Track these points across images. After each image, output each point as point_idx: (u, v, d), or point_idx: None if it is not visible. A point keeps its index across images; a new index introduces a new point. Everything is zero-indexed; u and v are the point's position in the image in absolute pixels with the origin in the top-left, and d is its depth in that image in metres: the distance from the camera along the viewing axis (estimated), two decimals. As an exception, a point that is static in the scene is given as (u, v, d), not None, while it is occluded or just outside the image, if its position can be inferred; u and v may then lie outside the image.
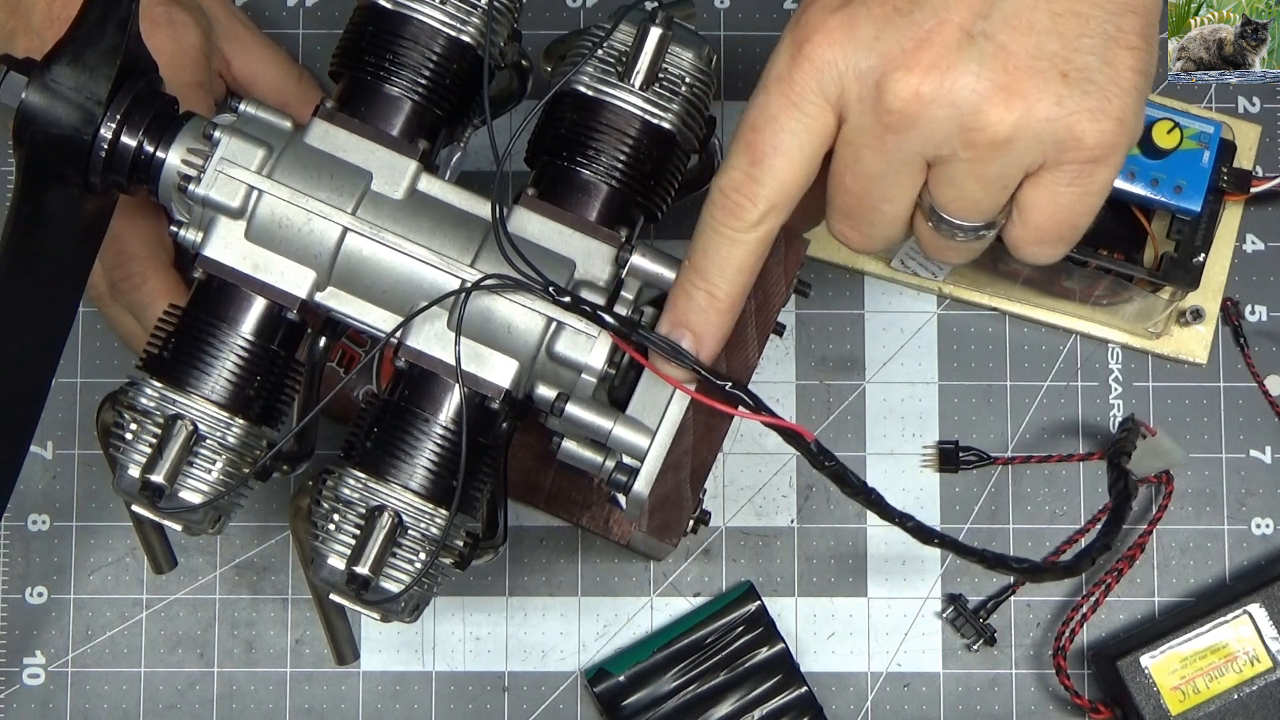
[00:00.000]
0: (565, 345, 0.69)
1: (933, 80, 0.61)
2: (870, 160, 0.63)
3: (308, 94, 0.85)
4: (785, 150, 0.64)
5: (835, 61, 0.62)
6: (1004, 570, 0.72)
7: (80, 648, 0.88)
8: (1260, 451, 0.89)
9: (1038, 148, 0.61)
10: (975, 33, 0.60)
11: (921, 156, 0.63)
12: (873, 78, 0.62)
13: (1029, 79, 0.60)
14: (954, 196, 0.64)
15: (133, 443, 0.70)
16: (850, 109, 0.63)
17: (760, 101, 0.64)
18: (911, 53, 0.61)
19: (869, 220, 0.66)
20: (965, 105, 0.60)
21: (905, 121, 0.61)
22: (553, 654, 0.88)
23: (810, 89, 0.63)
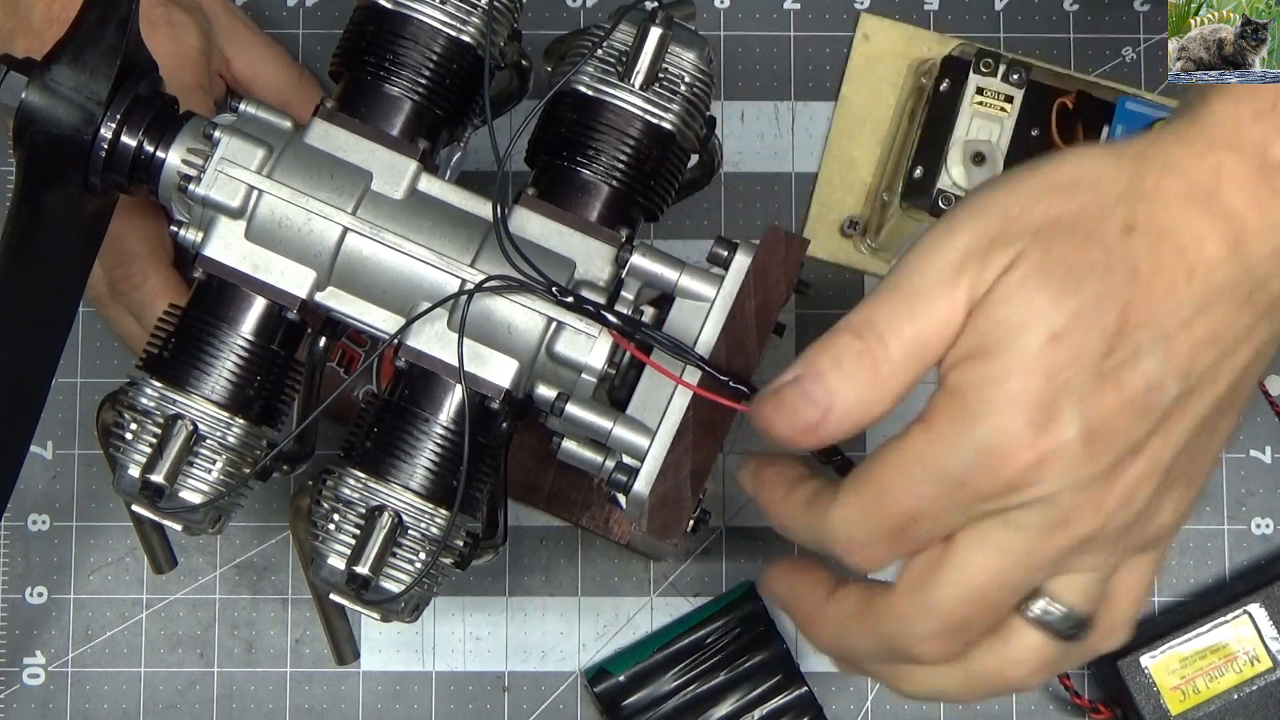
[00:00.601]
0: (565, 345, 0.69)
1: (1109, 520, 0.59)
2: (1022, 577, 0.60)
3: (308, 94, 0.85)
4: (923, 539, 0.60)
5: (1021, 486, 0.58)
6: None
7: (80, 648, 0.88)
8: (1260, 451, 0.89)
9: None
10: (1164, 470, 0.59)
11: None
12: (1046, 514, 0.58)
13: (1168, 496, 0.60)
14: (1077, 594, 0.61)
15: (133, 443, 0.70)
16: (1020, 523, 0.59)
17: (925, 481, 0.58)
18: (1095, 502, 0.58)
19: (968, 641, 0.61)
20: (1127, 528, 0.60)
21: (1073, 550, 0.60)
22: (553, 654, 0.88)
23: (984, 495, 0.58)
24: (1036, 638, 0.61)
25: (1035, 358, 0.57)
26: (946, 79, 0.84)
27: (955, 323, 0.58)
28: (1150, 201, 0.58)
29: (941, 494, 0.58)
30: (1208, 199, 0.58)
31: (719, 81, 0.90)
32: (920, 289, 0.58)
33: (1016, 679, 0.62)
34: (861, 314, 0.59)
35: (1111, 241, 0.57)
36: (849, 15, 0.91)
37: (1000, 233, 0.58)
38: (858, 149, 0.90)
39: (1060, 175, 0.59)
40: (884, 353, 0.58)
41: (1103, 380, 0.57)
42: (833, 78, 0.91)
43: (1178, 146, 0.58)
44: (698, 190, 0.81)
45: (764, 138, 0.91)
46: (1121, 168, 0.58)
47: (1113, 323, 0.57)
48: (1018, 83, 0.83)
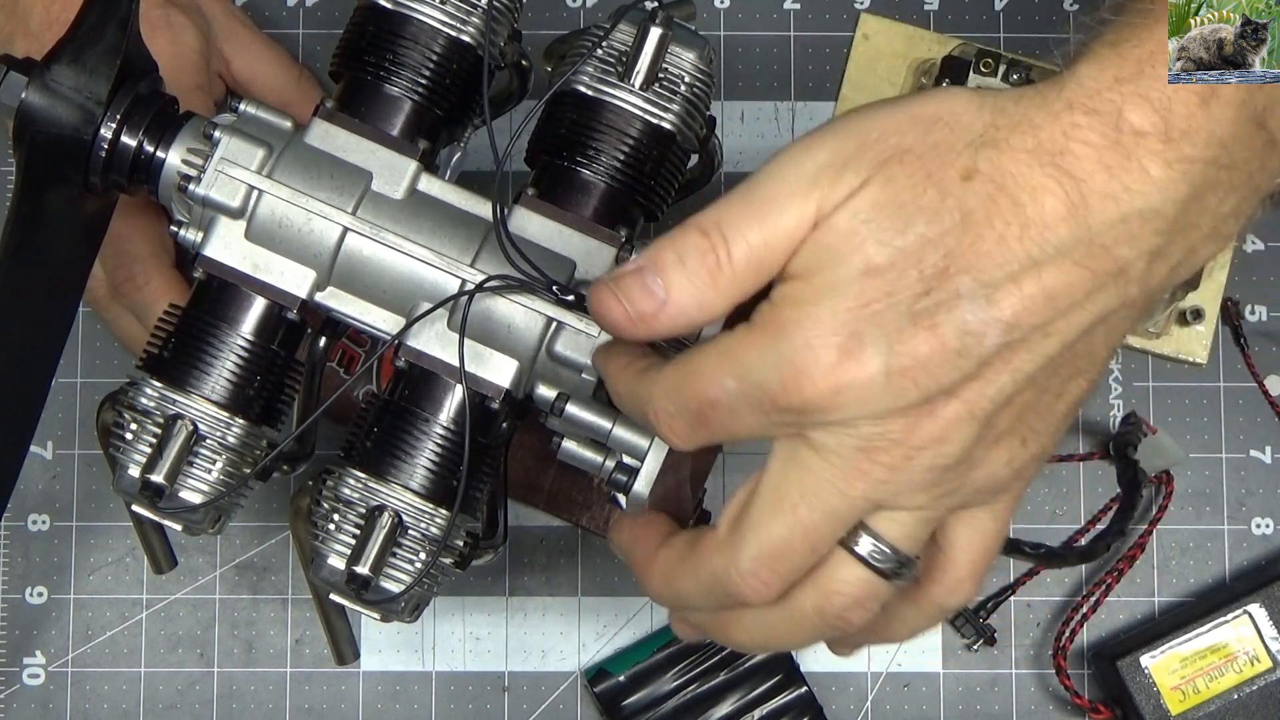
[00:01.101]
0: (565, 345, 0.70)
1: (916, 457, 0.60)
2: (828, 498, 0.61)
3: (308, 94, 0.85)
4: (732, 435, 0.61)
5: (825, 411, 0.59)
6: (1020, 556, 0.72)
7: (80, 648, 0.88)
8: (1260, 451, 0.89)
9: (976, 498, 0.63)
10: (978, 416, 0.59)
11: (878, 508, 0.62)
12: (853, 445, 0.59)
13: (995, 448, 0.61)
14: (897, 533, 0.62)
15: (133, 443, 0.70)
16: (824, 446, 0.60)
17: (731, 387, 0.59)
18: (901, 435, 0.59)
19: (789, 571, 0.62)
20: (939, 465, 0.60)
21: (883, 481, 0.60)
22: (553, 654, 0.88)
23: (785, 419, 0.59)
24: (858, 570, 0.62)
25: (850, 285, 0.57)
26: (946, 79, 0.84)
27: (798, 236, 0.59)
28: (997, 151, 0.58)
29: (742, 392, 0.59)
30: (1054, 156, 0.58)
31: (719, 81, 0.90)
32: (772, 197, 0.59)
33: (835, 610, 0.62)
34: (712, 214, 0.59)
35: (949, 185, 0.58)
36: (849, 15, 0.91)
37: (855, 154, 0.58)
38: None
39: (924, 110, 0.59)
40: (726, 254, 0.59)
41: (915, 320, 0.57)
42: (833, 78, 0.91)
43: (1037, 104, 0.59)
44: (698, 190, 0.81)
45: (764, 138, 0.91)
46: (980, 115, 0.59)
47: (933, 266, 0.57)
48: (1018, 83, 0.83)
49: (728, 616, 0.64)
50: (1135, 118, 0.58)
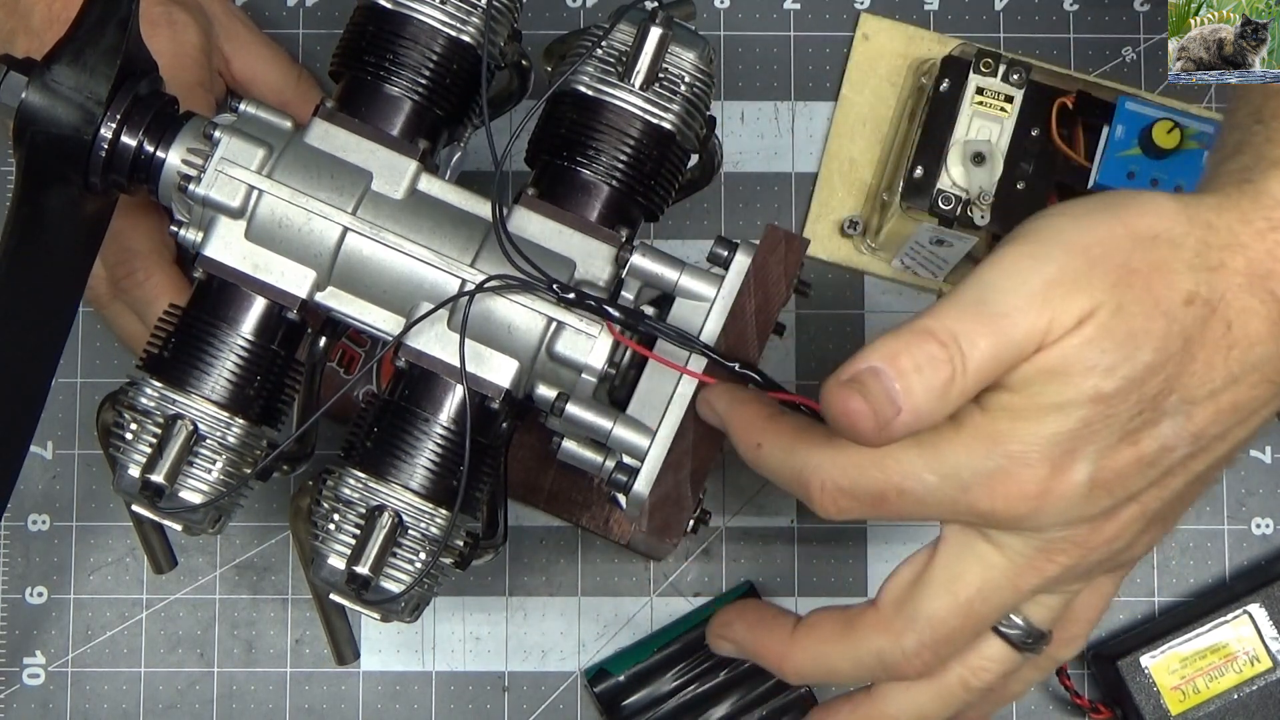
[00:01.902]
0: (565, 345, 0.70)
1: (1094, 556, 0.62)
2: (1007, 597, 0.64)
3: (308, 94, 0.85)
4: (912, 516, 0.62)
5: (1017, 522, 0.61)
6: None
7: (80, 648, 0.88)
8: (1260, 451, 0.89)
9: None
10: (1150, 516, 0.62)
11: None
12: (1036, 548, 0.62)
13: (1149, 535, 0.64)
14: (1045, 616, 0.65)
15: (133, 443, 0.70)
16: (1007, 544, 0.62)
17: (933, 483, 0.60)
18: (1082, 540, 0.62)
19: (951, 651, 0.65)
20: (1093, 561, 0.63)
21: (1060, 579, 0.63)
22: (553, 654, 0.88)
23: (978, 518, 0.61)
24: (999, 647, 0.65)
25: (1076, 410, 0.59)
26: (946, 79, 0.84)
27: (1027, 351, 0.59)
28: (1213, 274, 0.60)
29: (939, 488, 0.60)
30: (1263, 279, 0.60)
31: (719, 81, 0.90)
32: (1006, 311, 0.59)
33: (978, 686, 0.66)
34: (946, 322, 0.60)
35: (1174, 311, 0.59)
36: (849, 15, 0.91)
37: (1084, 272, 0.59)
38: (858, 149, 0.90)
39: (1140, 225, 0.60)
40: (962, 366, 0.59)
41: (1124, 437, 0.60)
42: (833, 78, 0.91)
43: (1239, 219, 0.61)
44: (698, 190, 0.81)
45: (764, 138, 0.91)
46: (1192, 230, 0.60)
47: (1153, 390, 0.59)
48: (1018, 83, 0.83)
49: (875, 689, 0.67)
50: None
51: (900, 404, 0.59)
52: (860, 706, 0.67)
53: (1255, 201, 0.61)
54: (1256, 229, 0.60)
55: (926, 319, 0.60)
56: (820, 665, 0.66)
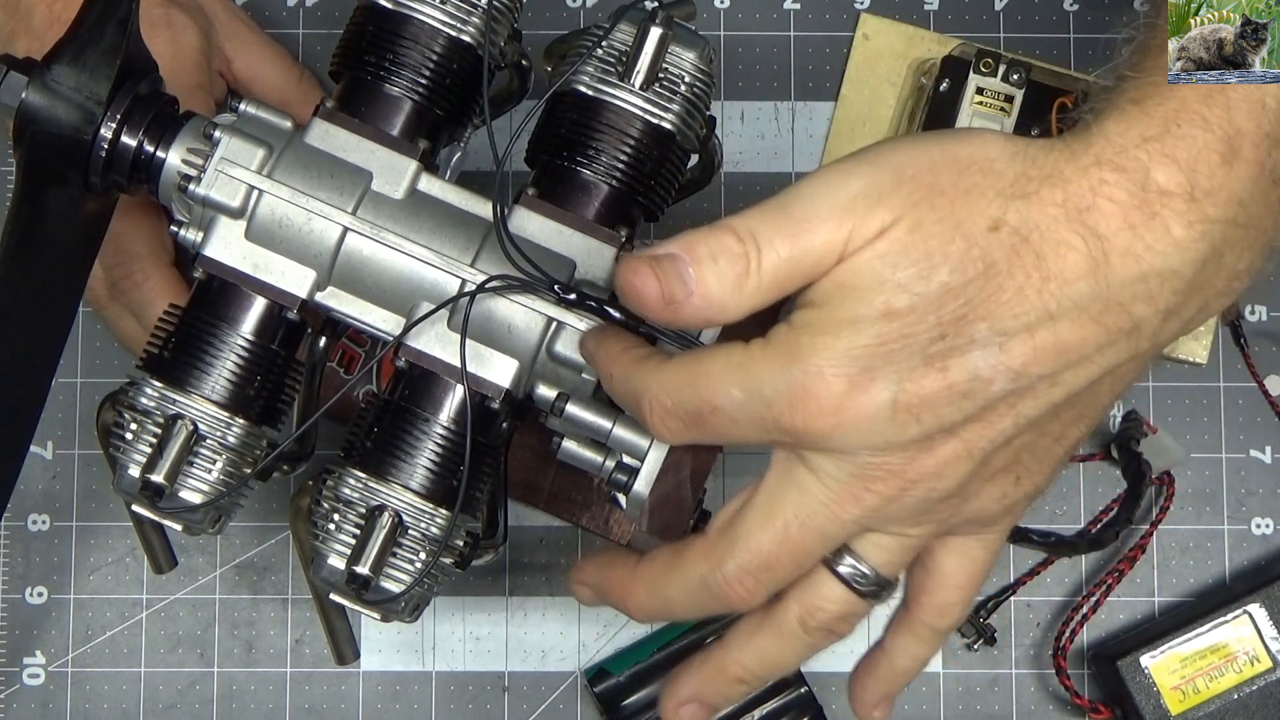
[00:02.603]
0: (565, 345, 0.70)
1: (914, 489, 0.61)
2: (825, 522, 0.63)
3: (309, 93, 0.85)
4: (730, 437, 0.62)
5: (825, 437, 0.60)
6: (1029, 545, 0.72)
7: (80, 648, 0.88)
8: (1260, 451, 0.89)
9: (962, 528, 0.65)
10: (975, 456, 0.61)
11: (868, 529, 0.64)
12: (849, 473, 0.61)
13: (989, 484, 0.63)
14: (882, 558, 0.65)
15: (133, 443, 0.70)
16: (820, 468, 0.62)
17: (737, 397, 0.61)
18: (899, 468, 0.61)
19: (774, 580, 0.64)
20: (934, 498, 0.62)
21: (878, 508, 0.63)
22: (553, 654, 0.88)
23: (785, 434, 0.61)
24: (838, 589, 0.64)
25: (869, 325, 0.59)
26: (946, 79, 0.84)
27: (826, 261, 0.60)
28: (1026, 203, 0.59)
29: (746, 404, 0.60)
30: (1081, 212, 0.59)
31: (719, 81, 0.90)
32: (805, 217, 0.60)
33: (816, 624, 0.65)
34: (745, 220, 0.60)
35: (976, 235, 0.59)
36: (849, 15, 0.91)
37: (889, 189, 0.60)
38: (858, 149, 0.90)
39: (959, 151, 0.60)
40: (756, 262, 0.60)
41: (928, 361, 0.59)
42: (833, 78, 0.91)
43: (1067, 157, 0.60)
44: (698, 190, 0.80)
45: (764, 138, 0.91)
46: (1012, 164, 0.60)
47: (952, 313, 0.59)
48: (1018, 83, 0.83)
49: (722, 639, 0.67)
50: (1162, 177, 0.59)
51: (692, 287, 0.60)
52: (709, 658, 0.67)
53: (1085, 141, 0.60)
54: (1080, 165, 0.59)
55: (730, 218, 0.61)
56: (656, 597, 0.66)
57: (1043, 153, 0.60)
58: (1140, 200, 0.59)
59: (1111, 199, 0.59)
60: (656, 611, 0.67)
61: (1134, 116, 0.60)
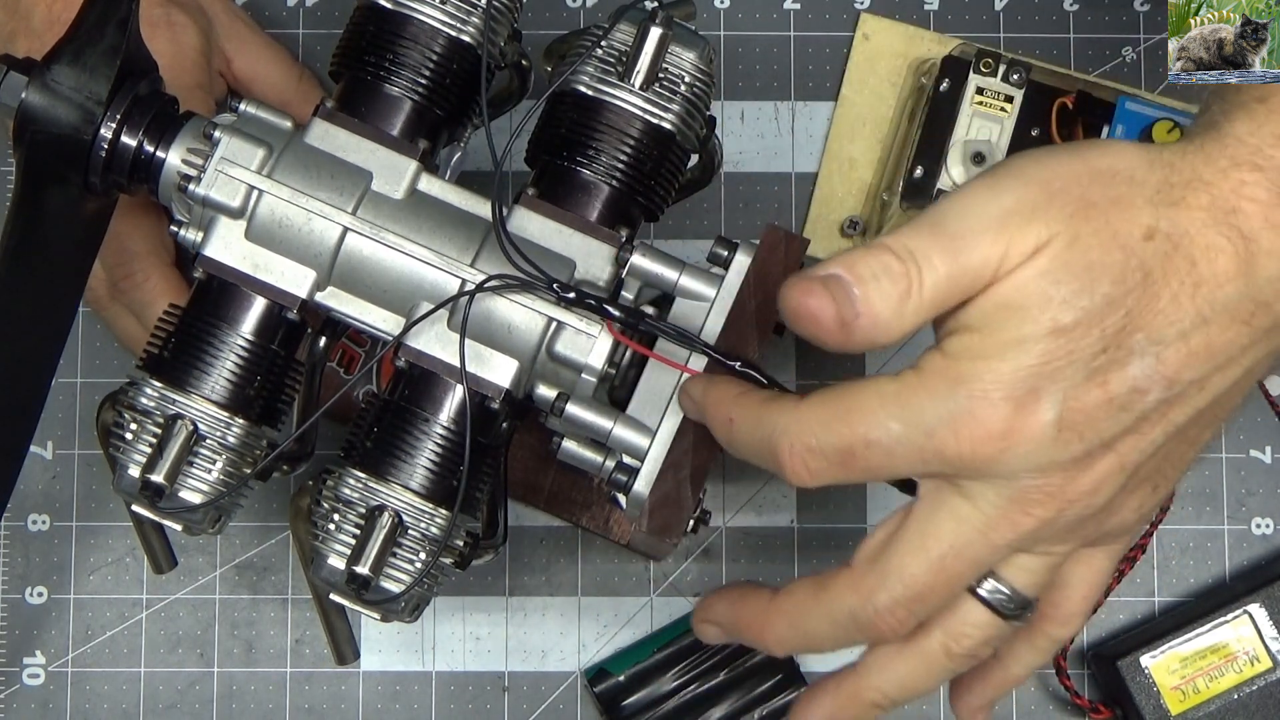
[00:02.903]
0: (565, 345, 0.70)
1: (1071, 508, 0.61)
2: (979, 549, 0.62)
3: (309, 93, 0.85)
4: (886, 475, 0.62)
5: (987, 467, 0.60)
6: None
7: (80, 648, 0.88)
8: (1260, 451, 0.89)
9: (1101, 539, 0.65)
10: (1128, 469, 0.61)
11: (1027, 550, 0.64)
12: (1008, 498, 0.60)
13: (1134, 495, 0.63)
14: (1025, 579, 0.64)
15: (133, 443, 0.70)
16: (977, 494, 0.61)
17: (896, 430, 0.60)
18: (1056, 490, 0.60)
19: (930, 608, 0.63)
20: (1087, 515, 0.62)
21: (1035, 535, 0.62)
22: (553, 654, 0.88)
23: (942, 466, 0.60)
24: (983, 614, 0.64)
25: (1035, 344, 0.58)
26: (946, 79, 0.84)
27: (983, 278, 0.59)
28: (1175, 210, 0.59)
29: (905, 436, 0.60)
30: (1227, 215, 0.59)
31: (719, 81, 0.90)
32: (960, 234, 0.59)
33: (961, 651, 0.64)
34: (904, 240, 0.60)
35: (1132, 245, 0.59)
36: (849, 15, 0.91)
37: (1041, 204, 0.59)
38: (858, 149, 0.90)
39: (1100, 163, 0.60)
40: (919, 281, 0.59)
41: (1090, 376, 0.59)
42: (833, 78, 0.91)
43: (1203, 160, 0.60)
44: (698, 190, 0.81)
45: (764, 138, 0.91)
46: (1154, 170, 0.60)
47: (1114, 325, 0.59)
48: (1018, 83, 0.83)
49: (859, 663, 0.66)
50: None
51: (859, 308, 0.59)
52: (845, 681, 0.66)
53: (1219, 143, 0.60)
54: (1219, 167, 0.60)
55: (884, 238, 0.60)
56: (797, 630, 0.65)
57: (1179, 157, 0.60)
58: (1279, 198, 0.59)
59: (1254, 199, 0.59)
60: (797, 645, 0.66)
61: (1262, 116, 0.60)
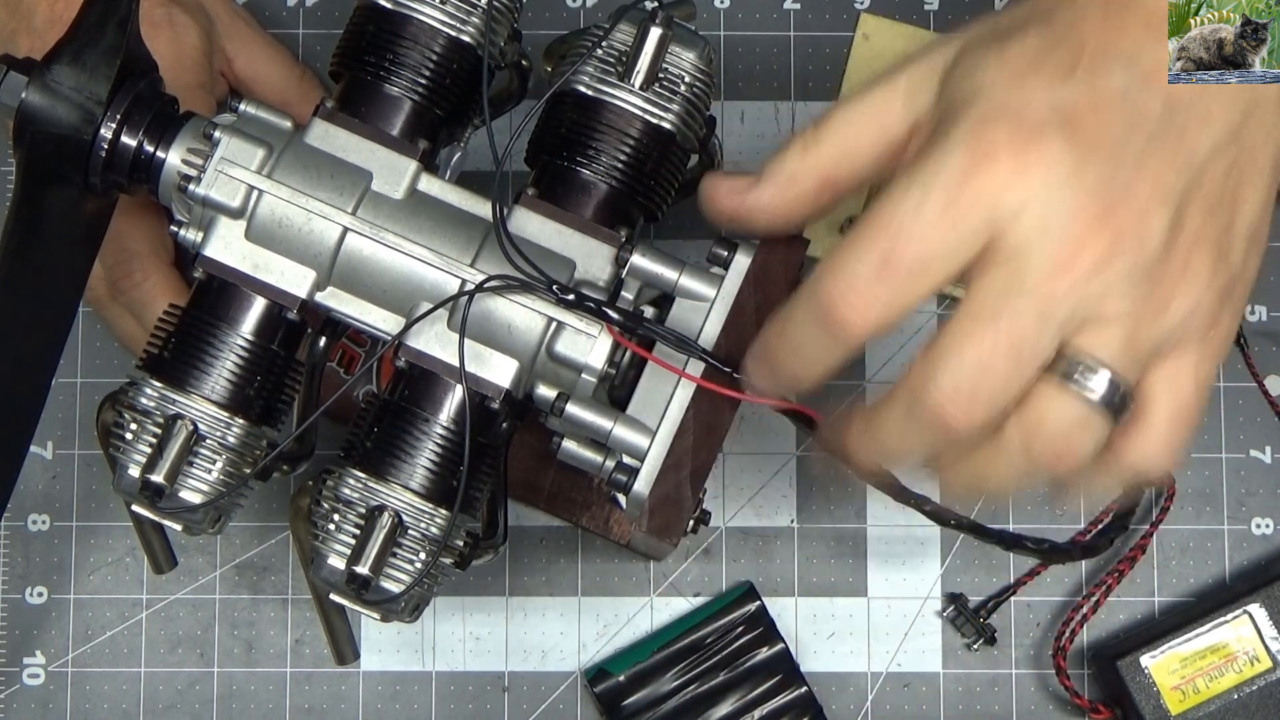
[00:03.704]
0: (565, 345, 0.70)
1: (1121, 246, 0.58)
2: (1024, 313, 0.58)
3: (310, 93, 0.85)
4: (925, 269, 0.58)
5: (1020, 204, 0.57)
6: (1022, 551, 0.71)
7: (80, 648, 0.88)
8: (1260, 451, 0.89)
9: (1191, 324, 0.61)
10: (1172, 201, 0.59)
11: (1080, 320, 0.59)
12: (1055, 236, 0.57)
13: (1198, 256, 0.60)
14: (1107, 350, 0.59)
15: (133, 443, 0.70)
16: (1016, 252, 0.57)
17: (913, 203, 0.58)
18: (1102, 219, 0.57)
19: (990, 392, 0.58)
20: (1144, 270, 0.58)
21: (1079, 284, 0.58)
22: (553, 654, 0.88)
23: (979, 214, 0.57)
24: (1064, 396, 0.59)
25: (1004, 77, 0.59)
26: (946, 79, 0.84)
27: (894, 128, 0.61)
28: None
29: (929, 206, 0.58)
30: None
31: (719, 81, 0.90)
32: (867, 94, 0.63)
33: (1044, 441, 0.59)
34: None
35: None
36: (849, 15, 0.91)
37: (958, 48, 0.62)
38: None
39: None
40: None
41: (1070, 81, 0.59)
42: (833, 78, 0.91)
43: None
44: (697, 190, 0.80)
45: (764, 138, 0.91)
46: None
47: (1074, 45, 0.59)
48: (1018, 83, 0.83)
49: (943, 462, 0.62)
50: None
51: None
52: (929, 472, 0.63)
53: None
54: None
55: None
56: (870, 433, 0.61)
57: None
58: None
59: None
60: (875, 452, 0.62)
61: None
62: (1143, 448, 0.61)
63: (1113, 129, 0.58)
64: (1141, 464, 0.61)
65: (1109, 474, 0.62)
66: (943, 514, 0.70)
